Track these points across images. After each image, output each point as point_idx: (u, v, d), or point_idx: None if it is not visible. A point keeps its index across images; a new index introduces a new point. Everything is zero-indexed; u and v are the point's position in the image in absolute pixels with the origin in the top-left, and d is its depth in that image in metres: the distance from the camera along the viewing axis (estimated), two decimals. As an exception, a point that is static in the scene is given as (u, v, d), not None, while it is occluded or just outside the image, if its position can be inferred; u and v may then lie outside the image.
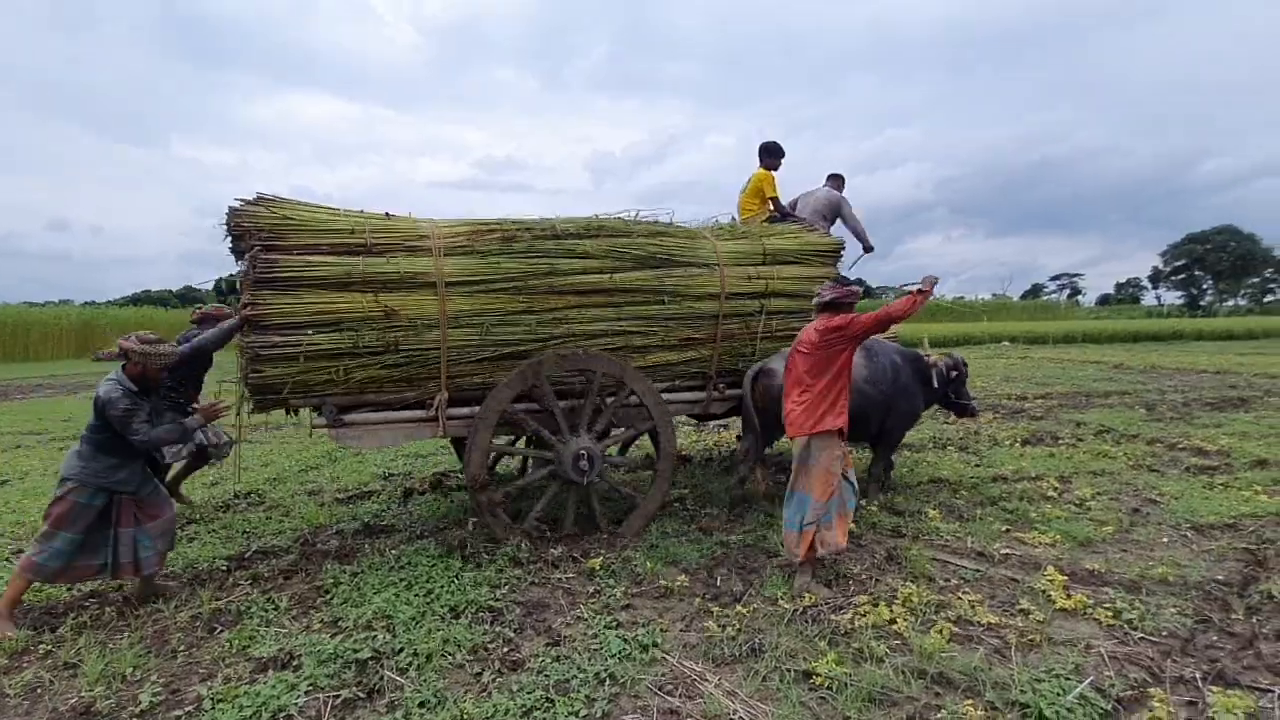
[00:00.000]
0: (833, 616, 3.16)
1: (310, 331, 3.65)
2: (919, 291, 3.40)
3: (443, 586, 3.50)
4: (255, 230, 3.61)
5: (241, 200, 3.71)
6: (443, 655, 2.84)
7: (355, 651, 2.84)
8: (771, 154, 5.89)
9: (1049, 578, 3.46)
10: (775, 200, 5.83)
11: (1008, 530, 4.34)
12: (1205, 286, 71.36)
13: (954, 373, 5.09)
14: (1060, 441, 7.00)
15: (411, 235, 3.98)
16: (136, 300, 50.16)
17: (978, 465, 6.08)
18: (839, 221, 6.12)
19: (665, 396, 4.45)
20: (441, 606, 3.29)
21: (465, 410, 4.07)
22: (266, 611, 3.35)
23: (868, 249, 6.19)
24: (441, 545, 4.05)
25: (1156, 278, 79.86)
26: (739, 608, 3.25)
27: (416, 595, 3.41)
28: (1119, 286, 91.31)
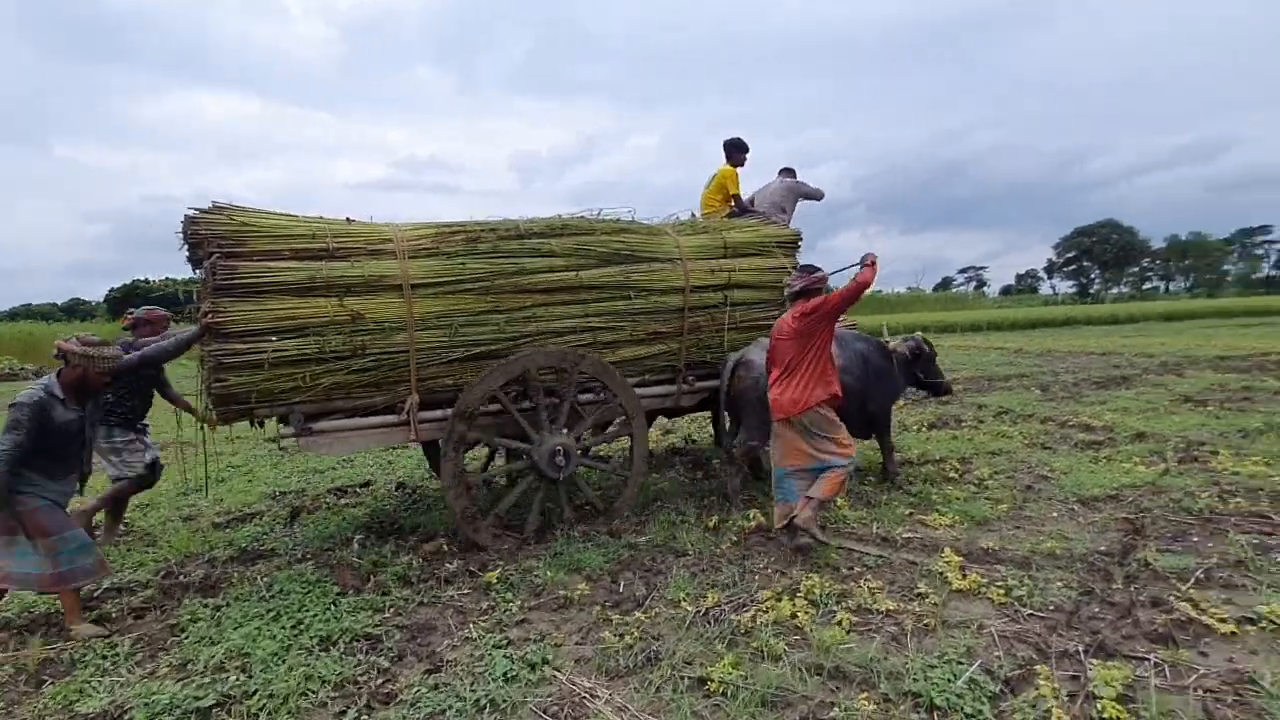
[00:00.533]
0: (734, 616, 3.06)
1: (274, 338, 3.58)
2: (871, 264, 3.72)
3: (315, 615, 3.20)
4: (213, 237, 3.54)
5: (197, 209, 3.63)
6: (303, 695, 2.55)
7: (198, 699, 2.52)
8: (737, 149, 6.03)
9: (946, 559, 3.49)
10: (736, 197, 5.96)
11: (911, 514, 4.39)
12: (1093, 276, 77.30)
13: (916, 354, 5.21)
14: (963, 424, 7.25)
15: (374, 239, 3.95)
16: (15, 315, 45.57)
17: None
18: (798, 206, 6.36)
19: (638, 391, 4.49)
20: (311, 638, 3.00)
21: (437, 413, 4.04)
22: (105, 658, 2.94)
23: (819, 197, 6.56)
24: (322, 568, 3.70)
25: (1051, 269, 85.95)
26: (639, 614, 3.11)
27: (283, 627, 3.10)
28: (1019, 278, 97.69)
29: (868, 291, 3.79)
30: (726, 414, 4.82)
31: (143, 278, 56.21)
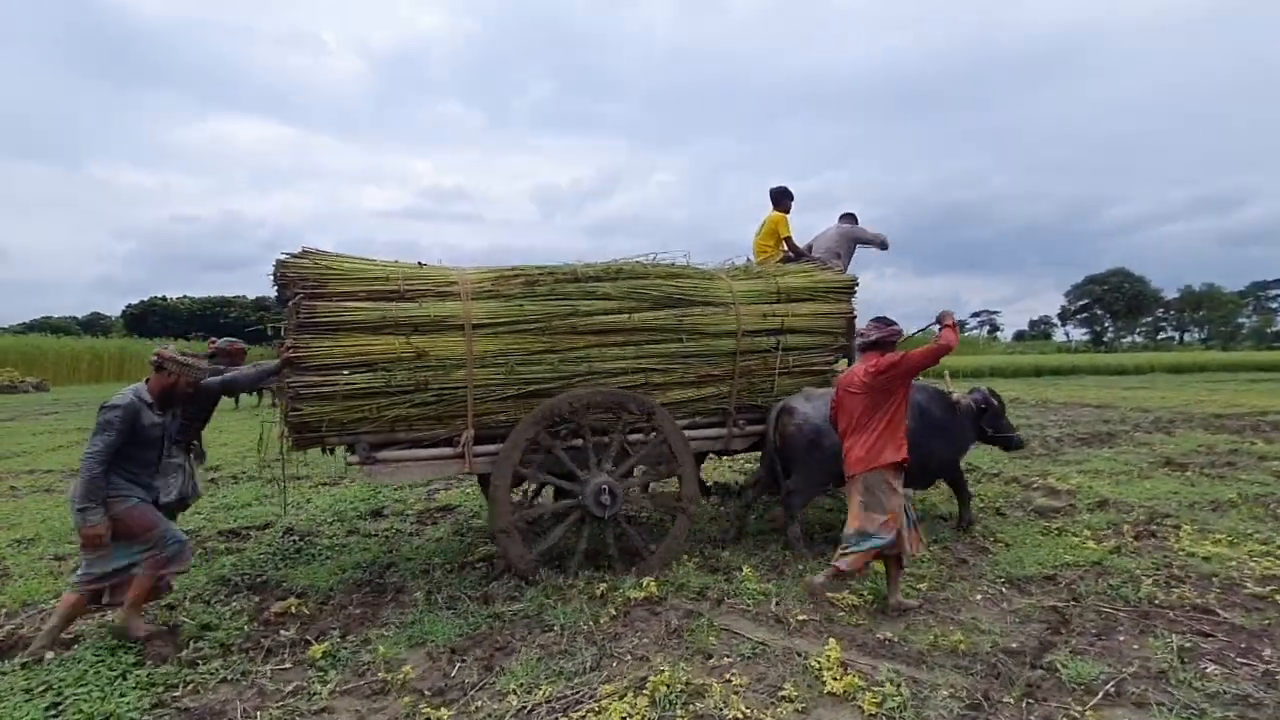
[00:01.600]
0: (562, 717, 2.63)
1: (347, 372, 3.86)
2: (951, 325, 3.66)
3: (86, 693, 2.79)
4: (299, 280, 3.84)
5: (288, 254, 3.94)
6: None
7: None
8: (784, 196, 6.23)
9: (830, 652, 3.04)
10: (789, 240, 6.07)
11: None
12: (1107, 324, 76.43)
13: (983, 407, 5.03)
14: None
15: (441, 282, 4.21)
16: (32, 327, 46.17)
17: (829, 509, 5.75)
18: (855, 253, 6.35)
19: (688, 433, 4.59)
20: (62, 725, 2.59)
21: (491, 447, 4.23)
22: None
23: (883, 246, 6.50)
24: (114, 633, 3.31)
25: (1064, 315, 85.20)
26: (447, 711, 2.68)
27: (36, 707, 2.68)
28: (1032, 324, 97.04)
29: (948, 356, 3.69)
30: (770, 461, 4.82)
31: (160, 295, 57.01)
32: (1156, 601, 3.65)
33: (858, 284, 5.37)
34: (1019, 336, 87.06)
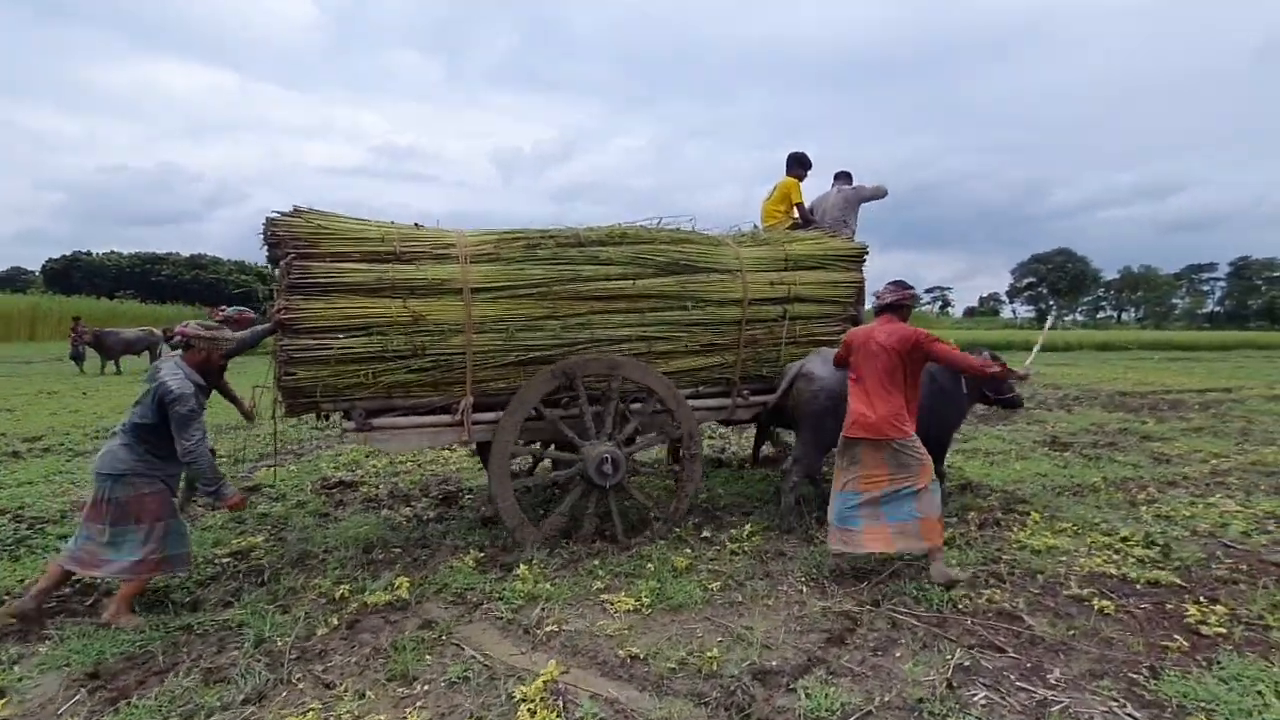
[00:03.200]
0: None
1: (341, 336, 3.75)
2: (1000, 368, 3.83)
3: None
4: (290, 239, 3.71)
5: (279, 212, 3.83)
6: None
7: None
8: (799, 164, 5.98)
9: (545, 677, 2.51)
10: (800, 206, 5.90)
11: (603, 589, 3.42)
12: (1051, 302, 78.79)
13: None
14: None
15: (439, 243, 4.08)
16: (-53, 283, 42.81)
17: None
18: (860, 210, 6.05)
19: (691, 403, 4.49)
20: None
21: (490, 415, 4.13)
22: None
23: (884, 195, 6.21)
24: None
25: (1012, 293, 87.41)
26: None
27: None
28: (982, 300, 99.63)
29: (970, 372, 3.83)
30: (774, 426, 4.74)
31: (85, 250, 53.63)
32: (960, 606, 3.23)
33: (868, 252, 5.24)
34: (969, 313, 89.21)
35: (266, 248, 3.83)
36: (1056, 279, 75.38)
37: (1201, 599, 3.31)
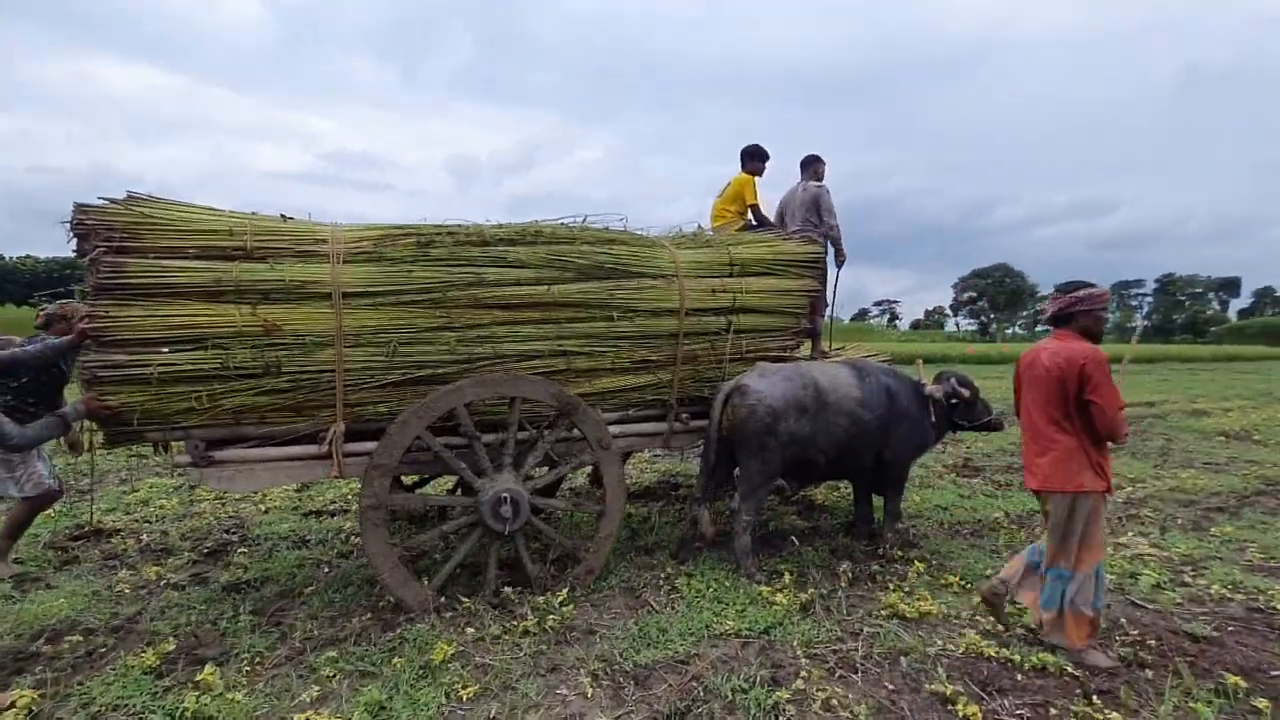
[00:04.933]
0: None
1: (166, 349, 3.14)
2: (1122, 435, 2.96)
3: None
4: (104, 229, 3.08)
5: (106, 199, 3.19)
6: None
7: None
8: (754, 158, 5.45)
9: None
10: (754, 208, 5.34)
11: (315, 699, 2.61)
12: (993, 316, 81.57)
13: (953, 400, 4.37)
14: (678, 493, 5.91)
15: (305, 239, 3.45)
16: None
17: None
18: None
19: (619, 429, 4.05)
20: None
21: (369, 445, 3.48)
22: None
23: (840, 260, 5.44)
24: None
25: (956, 307, 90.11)
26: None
27: None
28: (927, 313, 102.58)
29: (1110, 437, 2.91)
30: (715, 456, 4.03)
31: (-1, 254, 50.73)
32: (786, 714, 2.51)
33: (825, 254, 4.73)
34: (915, 326, 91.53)
35: (75, 240, 3.15)
36: (995, 293, 77.93)
37: (1094, 697, 2.63)
